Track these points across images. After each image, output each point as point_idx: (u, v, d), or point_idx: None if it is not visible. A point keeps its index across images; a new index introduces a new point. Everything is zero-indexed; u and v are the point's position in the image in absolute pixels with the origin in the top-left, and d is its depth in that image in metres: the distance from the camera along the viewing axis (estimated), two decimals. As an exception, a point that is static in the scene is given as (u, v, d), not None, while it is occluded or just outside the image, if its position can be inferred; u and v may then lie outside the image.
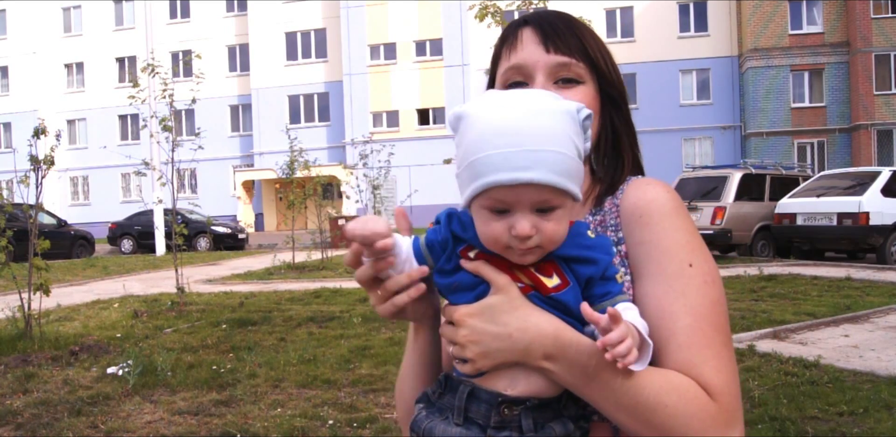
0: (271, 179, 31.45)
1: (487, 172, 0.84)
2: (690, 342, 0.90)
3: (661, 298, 0.93)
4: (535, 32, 1.04)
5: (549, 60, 1.02)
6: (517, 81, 1.04)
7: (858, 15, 27.24)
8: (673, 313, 0.92)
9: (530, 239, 0.86)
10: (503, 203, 0.85)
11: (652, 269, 0.95)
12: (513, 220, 0.85)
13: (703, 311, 0.92)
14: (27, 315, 6.67)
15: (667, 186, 1.01)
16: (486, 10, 5.49)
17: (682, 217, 0.98)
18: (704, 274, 0.95)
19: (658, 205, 0.98)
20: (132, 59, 35.55)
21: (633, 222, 0.99)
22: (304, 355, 5.76)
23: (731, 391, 0.89)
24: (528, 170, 0.83)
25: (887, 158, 26.86)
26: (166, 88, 8.84)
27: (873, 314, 7.09)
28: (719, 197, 13.33)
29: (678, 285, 0.93)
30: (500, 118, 0.86)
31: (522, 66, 1.03)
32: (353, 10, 33.49)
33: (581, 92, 1.02)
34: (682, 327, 0.91)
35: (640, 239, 0.97)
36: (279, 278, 12.58)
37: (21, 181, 7.01)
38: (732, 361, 0.92)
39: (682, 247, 0.95)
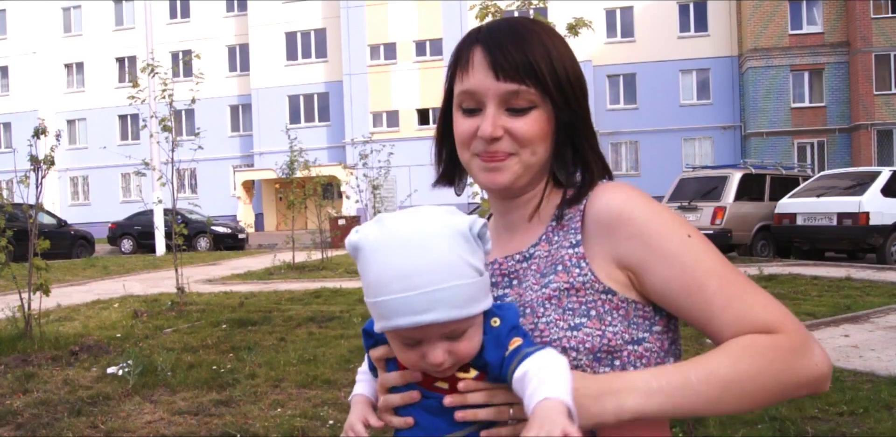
0: (271, 179, 31.45)
1: (390, 316, 0.87)
2: (728, 299, 0.94)
3: (680, 276, 0.95)
4: (484, 56, 1.02)
5: (499, 88, 1.01)
6: (471, 108, 1.04)
7: (858, 15, 27.24)
8: (700, 284, 0.95)
9: (444, 363, 0.88)
10: (412, 339, 0.88)
11: (657, 255, 0.96)
12: (424, 350, 0.88)
13: (720, 270, 0.96)
14: (27, 315, 6.67)
15: (630, 186, 1.03)
16: (487, 10, 5.48)
17: (656, 206, 1.01)
18: (703, 241, 0.99)
19: (633, 202, 1.00)
20: (132, 59, 35.53)
21: (613, 223, 0.99)
22: (304, 355, 5.76)
23: (786, 316, 0.94)
24: (428, 312, 0.85)
25: (887, 158, 26.85)
26: (166, 88, 8.83)
27: (873, 314, 7.09)
28: (719, 197, 13.33)
29: (690, 258, 0.96)
30: (393, 259, 0.86)
31: (474, 93, 1.03)
32: (353, 10, 33.48)
33: (531, 118, 1.02)
34: (713, 291, 0.94)
35: (628, 234, 0.98)
36: (279, 278, 12.58)
37: (21, 181, 7.01)
38: (767, 294, 0.96)
39: (673, 226, 0.98)
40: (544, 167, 1.07)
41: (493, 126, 1.01)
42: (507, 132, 1.02)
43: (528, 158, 1.04)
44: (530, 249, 1.06)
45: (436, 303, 0.85)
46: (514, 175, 1.04)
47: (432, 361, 0.87)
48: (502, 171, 1.04)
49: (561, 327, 0.95)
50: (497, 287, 1.06)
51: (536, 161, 1.04)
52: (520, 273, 1.05)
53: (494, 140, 1.02)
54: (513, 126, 1.01)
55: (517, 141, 1.02)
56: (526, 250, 1.06)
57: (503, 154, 1.03)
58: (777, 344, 0.90)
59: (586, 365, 0.94)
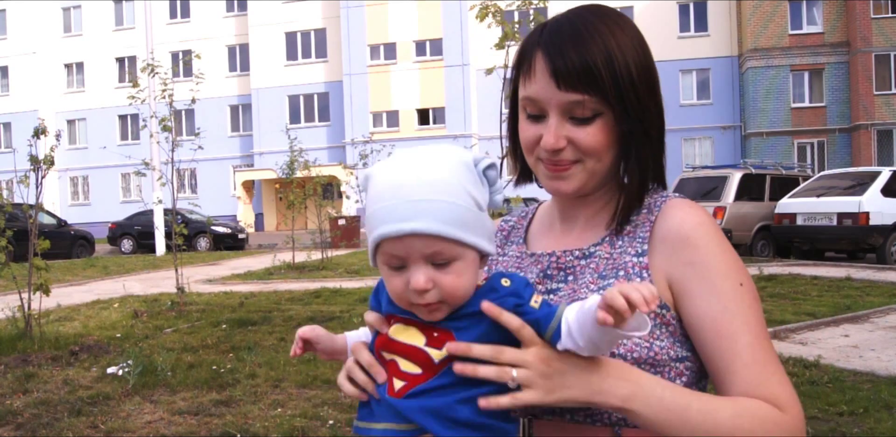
0: (271, 179, 31.46)
1: (376, 226, 0.85)
2: (754, 360, 0.93)
3: (719, 318, 0.95)
4: (545, 63, 0.99)
5: (561, 99, 0.98)
6: (535, 115, 1.02)
7: (858, 15, 27.24)
8: (733, 333, 0.94)
9: (428, 293, 0.84)
10: (396, 258, 0.85)
11: (705, 289, 0.96)
12: (409, 274, 0.85)
13: (757, 328, 0.95)
14: (27, 315, 6.67)
15: (704, 210, 1.04)
16: (487, 10, 5.48)
17: (725, 240, 1.01)
18: (752, 291, 0.98)
19: (705, 229, 0.99)
20: (132, 59, 35.56)
21: (679, 244, 0.99)
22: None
23: (795, 399, 0.93)
24: (411, 220, 0.82)
25: (887, 158, 26.86)
26: (166, 88, 8.83)
27: (873, 314, 7.09)
28: (719, 197, 13.32)
29: (733, 304, 0.95)
30: (392, 174, 0.86)
31: (536, 101, 1.01)
32: (353, 10, 33.49)
33: (595, 128, 0.99)
34: (744, 345, 0.94)
35: (689, 260, 0.98)
36: (279, 278, 12.58)
37: (21, 181, 7.01)
38: (784, 372, 0.96)
39: (732, 268, 0.98)
40: (611, 173, 1.06)
41: (555, 137, 1.00)
42: (571, 142, 1.00)
43: (594, 166, 1.02)
44: (591, 247, 1.05)
45: (420, 213, 0.83)
46: (579, 183, 1.03)
47: (413, 284, 0.83)
48: (567, 180, 1.03)
49: None
50: (552, 280, 1.06)
51: (602, 167, 1.03)
52: (577, 270, 1.05)
53: (557, 151, 1.01)
54: (576, 136, 1.00)
55: (581, 150, 1.01)
56: (587, 247, 1.06)
57: (567, 163, 1.02)
58: (780, 421, 0.90)
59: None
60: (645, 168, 1.04)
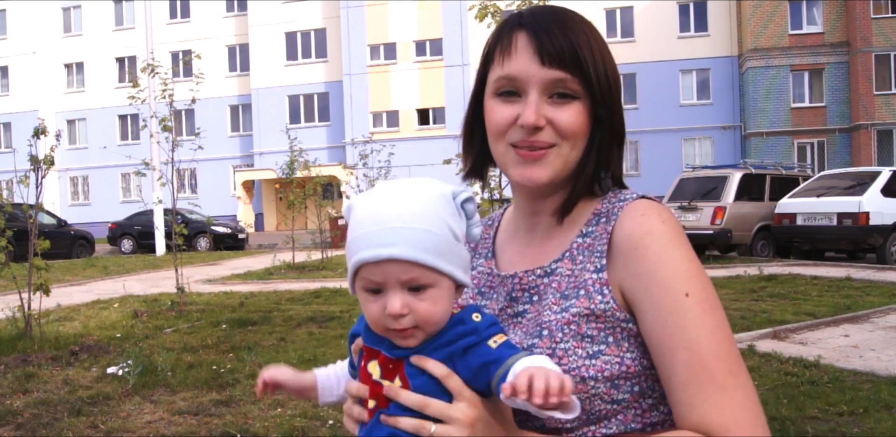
0: (271, 179, 31.45)
1: (355, 252, 0.87)
2: (689, 379, 0.88)
3: (658, 334, 0.91)
4: (530, 40, 0.97)
5: (544, 75, 0.96)
6: (509, 91, 0.99)
7: (858, 15, 27.24)
8: (671, 349, 0.90)
9: (404, 318, 0.86)
10: (374, 283, 0.87)
11: (648, 303, 0.92)
12: (385, 299, 0.87)
13: (701, 342, 0.89)
14: (27, 315, 6.67)
15: (663, 214, 0.98)
16: (486, 10, 5.48)
17: (679, 246, 0.95)
18: (702, 302, 0.91)
19: (653, 237, 0.95)
20: (132, 59, 35.54)
21: (628, 255, 0.95)
22: (304, 355, 5.76)
23: (738, 424, 0.86)
24: (389, 246, 0.85)
25: (887, 158, 26.86)
26: (166, 88, 8.83)
27: (873, 314, 7.09)
28: (719, 197, 13.32)
29: (673, 318, 0.90)
30: (372, 204, 0.89)
31: (516, 79, 0.98)
32: (353, 10, 33.49)
33: (575, 109, 0.98)
34: (680, 362, 0.89)
35: (635, 271, 0.94)
36: (279, 278, 12.58)
37: (21, 181, 7.01)
38: (741, 389, 0.88)
39: (677, 277, 0.92)
40: (576, 166, 1.02)
41: (536, 114, 0.96)
42: (549, 122, 0.97)
43: (568, 153, 0.99)
44: (552, 264, 1.02)
45: (399, 239, 0.85)
46: (553, 171, 0.99)
47: (389, 309, 0.85)
48: (542, 166, 0.99)
49: (580, 355, 0.93)
50: (518, 303, 1.03)
51: (574, 156, 1.00)
52: (540, 289, 1.02)
53: (536, 129, 0.97)
54: (555, 116, 0.97)
55: (559, 132, 0.97)
56: (548, 264, 1.02)
57: (543, 145, 0.98)
58: None
59: (604, 393, 0.92)
60: (605, 159, 1.03)
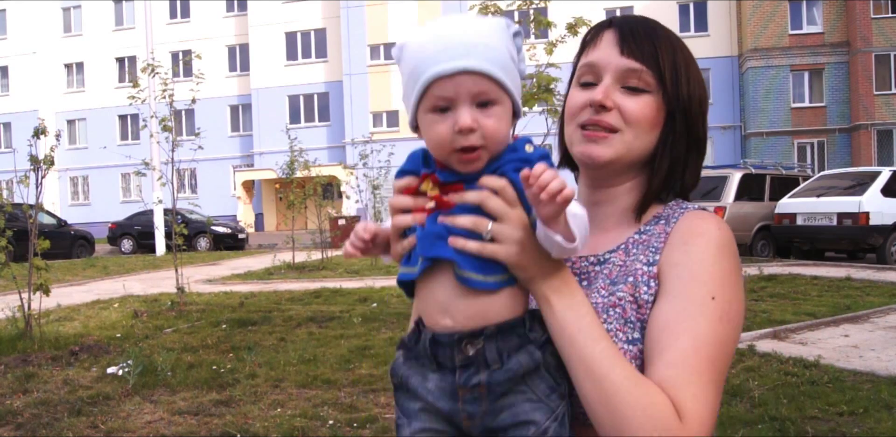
0: (271, 179, 31.44)
1: (428, 67, 0.88)
2: (680, 363, 0.89)
3: (670, 315, 0.92)
4: (614, 34, 1.04)
5: (620, 63, 1.02)
6: (588, 82, 1.05)
7: (858, 15, 27.23)
8: (676, 332, 0.91)
9: (472, 134, 0.87)
10: (444, 99, 0.88)
11: (676, 289, 0.95)
12: (455, 115, 0.88)
13: (706, 342, 0.90)
14: (27, 315, 6.67)
15: (721, 224, 1.01)
16: (486, 10, 5.49)
17: (725, 255, 0.97)
18: (724, 312, 0.93)
19: (705, 239, 0.98)
20: (132, 59, 35.55)
21: (676, 246, 0.98)
22: (304, 355, 5.76)
23: (702, 421, 0.86)
24: (465, 57, 0.87)
25: (887, 158, 26.85)
26: (166, 88, 8.84)
27: (873, 314, 7.09)
28: (719, 197, 13.33)
29: (693, 310, 0.92)
30: (433, 32, 0.90)
31: (594, 65, 1.04)
32: (353, 10, 33.49)
33: (643, 101, 1.02)
34: (679, 347, 0.90)
35: (676, 261, 0.97)
36: (279, 278, 12.58)
37: (21, 181, 7.01)
38: (716, 398, 0.90)
39: (712, 279, 0.94)
40: (644, 162, 1.06)
41: (604, 94, 1.01)
42: (617, 108, 1.01)
43: (632, 141, 1.02)
44: (606, 254, 1.05)
45: (473, 50, 0.87)
46: (614, 153, 1.02)
47: (461, 123, 0.87)
48: (603, 146, 1.02)
49: (620, 339, 0.95)
50: None
51: (639, 147, 1.03)
52: (591, 276, 1.04)
53: (603, 109, 1.01)
54: (624, 103, 1.01)
55: (625, 118, 1.01)
56: (602, 254, 1.05)
57: (607, 125, 1.01)
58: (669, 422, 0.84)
59: None
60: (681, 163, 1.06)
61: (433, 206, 0.90)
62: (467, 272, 0.88)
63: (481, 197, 0.88)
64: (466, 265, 0.88)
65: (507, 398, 0.89)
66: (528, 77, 5.31)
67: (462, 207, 0.89)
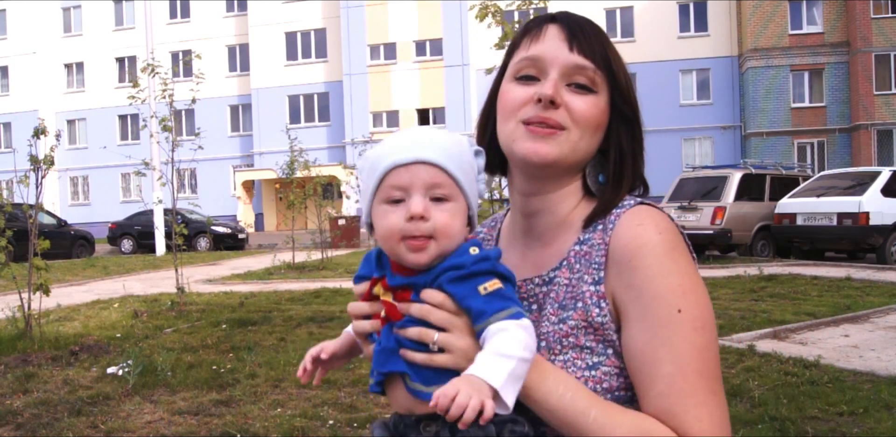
0: (271, 179, 31.45)
1: (387, 158, 0.91)
2: (671, 391, 0.88)
3: (645, 344, 0.91)
4: (561, 29, 0.99)
5: (569, 59, 0.97)
6: (529, 75, 1.00)
7: (858, 15, 27.23)
8: (656, 360, 0.89)
9: (424, 222, 0.88)
10: (399, 188, 0.90)
11: (639, 314, 0.92)
12: (407, 205, 0.89)
13: (688, 359, 0.89)
14: (27, 315, 6.67)
15: (660, 224, 0.96)
16: (487, 10, 5.48)
17: (675, 259, 0.93)
18: (694, 320, 0.91)
19: (648, 249, 0.93)
20: (132, 59, 35.55)
21: (622, 266, 0.94)
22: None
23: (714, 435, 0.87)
24: (424, 150, 0.90)
25: (887, 158, 26.85)
26: (166, 88, 8.83)
27: (873, 314, 7.09)
28: (719, 197, 13.32)
29: (664, 332, 0.90)
30: (400, 133, 0.95)
31: (539, 59, 0.98)
32: (353, 10, 33.48)
33: (591, 100, 0.98)
34: (664, 375, 0.89)
35: (628, 283, 0.93)
36: (279, 278, 12.58)
37: (21, 181, 7.00)
38: (719, 408, 0.90)
39: (671, 292, 0.91)
40: (583, 163, 1.03)
41: (554, 88, 0.96)
42: (565, 105, 0.97)
43: (577, 141, 0.98)
44: (550, 273, 1.01)
45: (429, 146, 0.90)
46: (560, 152, 0.98)
47: (413, 209, 0.88)
48: (550, 143, 0.97)
49: (579, 366, 0.94)
50: None
51: (583, 149, 1.00)
52: (539, 298, 1.02)
53: (551, 105, 0.96)
54: (571, 101, 0.97)
55: (572, 117, 0.97)
56: (546, 273, 1.02)
57: (555, 123, 0.97)
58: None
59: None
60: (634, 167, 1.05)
61: (384, 315, 0.92)
62: (415, 385, 0.90)
63: (423, 311, 0.89)
64: (416, 378, 0.90)
65: None
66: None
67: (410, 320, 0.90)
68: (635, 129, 1.04)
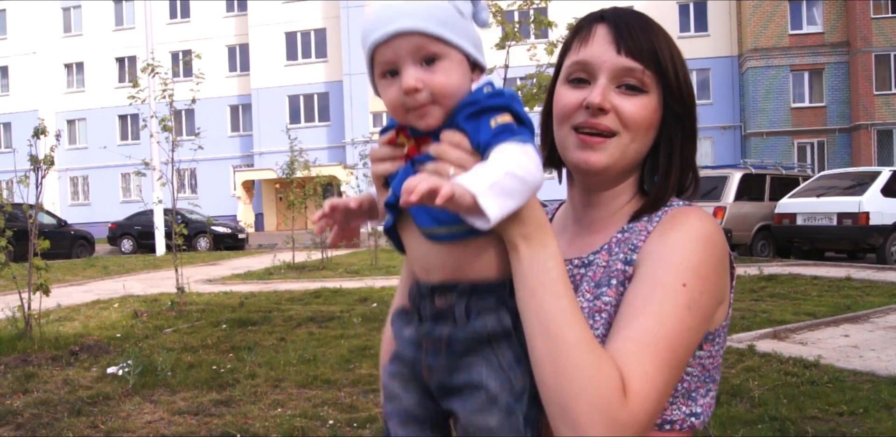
0: (271, 179, 31.45)
1: (368, 36, 0.89)
2: (638, 339, 0.86)
3: (639, 297, 0.91)
4: (609, 30, 0.99)
5: (617, 62, 0.97)
6: (579, 78, 1.00)
7: (858, 15, 27.23)
8: (641, 312, 0.89)
9: (420, 94, 0.87)
10: (388, 64, 0.89)
11: (647, 274, 0.93)
12: (401, 77, 0.88)
13: (669, 326, 0.87)
14: (27, 315, 6.67)
15: (703, 217, 0.98)
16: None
17: (706, 246, 0.94)
18: (693, 300, 0.90)
19: (684, 229, 0.95)
20: (132, 59, 35.54)
21: (654, 239, 0.96)
22: (304, 355, 5.76)
23: (646, 400, 0.83)
24: (395, 21, 0.87)
25: (887, 158, 26.85)
26: (166, 88, 8.83)
27: (873, 314, 7.09)
28: (719, 197, 13.33)
29: (661, 293, 0.90)
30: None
31: (588, 63, 0.99)
32: (353, 10, 33.47)
33: (641, 102, 0.98)
34: (640, 324, 0.87)
35: (651, 249, 0.95)
36: (279, 278, 12.58)
37: (21, 181, 7.01)
38: (666, 384, 0.86)
39: (687, 267, 0.91)
40: (637, 163, 1.03)
41: (602, 95, 0.97)
42: (614, 110, 0.97)
43: (628, 144, 0.99)
44: (590, 255, 1.03)
45: (405, 13, 0.86)
46: (610, 158, 0.99)
47: (404, 84, 0.86)
48: (599, 151, 0.98)
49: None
50: None
51: (634, 151, 1.00)
52: (576, 279, 1.02)
53: (600, 112, 0.97)
54: (621, 104, 0.97)
55: (622, 121, 0.98)
56: (586, 256, 1.03)
57: (605, 128, 0.98)
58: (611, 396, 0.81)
59: None
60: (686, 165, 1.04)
61: (405, 152, 0.92)
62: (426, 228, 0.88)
63: (439, 150, 0.87)
64: (424, 219, 0.88)
65: (467, 357, 0.89)
66: (529, 77, 5.31)
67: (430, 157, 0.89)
68: (687, 126, 1.03)
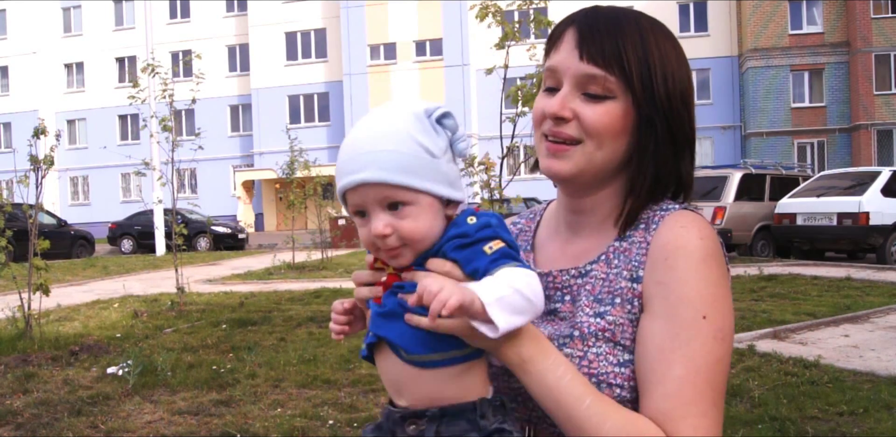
0: (271, 179, 31.44)
1: (339, 180, 0.91)
2: (677, 394, 0.87)
3: (663, 341, 0.90)
4: (574, 35, 0.97)
5: (579, 69, 0.96)
6: (550, 87, 1.00)
7: (858, 15, 27.24)
8: (670, 360, 0.89)
9: (388, 238, 0.88)
10: (357, 206, 0.90)
11: (663, 311, 0.92)
12: (369, 221, 0.89)
13: (701, 365, 0.89)
14: (27, 315, 6.67)
15: (703, 230, 0.96)
16: (487, 10, 5.47)
17: (710, 266, 0.93)
18: (716, 330, 0.90)
19: (687, 252, 0.93)
20: (132, 59, 35.53)
21: (658, 263, 0.95)
22: (304, 355, 5.76)
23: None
24: (359, 172, 0.87)
25: (887, 158, 26.85)
26: (166, 88, 8.83)
27: (873, 314, 7.09)
28: (719, 197, 13.32)
29: (685, 335, 0.89)
30: (352, 132, 0.92)
31: (555, 70, 0.99)
32: (353, 10, 33.48)
33: (604, 108, 0.96)
34: (674, 377, 0.88)
35: (660, 279, 0.93)
36: (279, 278, 12.58)
37: (21, 181, 7.01)
38: (717, 422, 0.89)
39: (701, 298, 0.91)
40: (617, 168, 1.01)
41: (560, 105, 0.96)
42: (577, 117, 0.97)
43: (593, 152, 0.97)
44: (588, 265, 1.01)
45: (369, 164, 0.87)
46: (574, 167, 0.98)
47: (372, 230, 0.88)
48: (562, 160, 0.98)
49: (610, 362, 0.93)
50: (550, 301, 1.02)
51: (602, 157, 0.98)
52: (573, 290, 1.01)
53: (561, 120, 0.97)
54: (582, 111, 0.96)
55: (584, 128, 0.97)
56: (583, 266, 1.02)
57: (567, 136, 0.97)
58: None
59: (629, 400, 0.92)
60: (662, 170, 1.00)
61: (385, 280, 0.93)
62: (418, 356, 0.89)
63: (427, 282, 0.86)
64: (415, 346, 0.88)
65: None
66: (529, 77, 5.30)
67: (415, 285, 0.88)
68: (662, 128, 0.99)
